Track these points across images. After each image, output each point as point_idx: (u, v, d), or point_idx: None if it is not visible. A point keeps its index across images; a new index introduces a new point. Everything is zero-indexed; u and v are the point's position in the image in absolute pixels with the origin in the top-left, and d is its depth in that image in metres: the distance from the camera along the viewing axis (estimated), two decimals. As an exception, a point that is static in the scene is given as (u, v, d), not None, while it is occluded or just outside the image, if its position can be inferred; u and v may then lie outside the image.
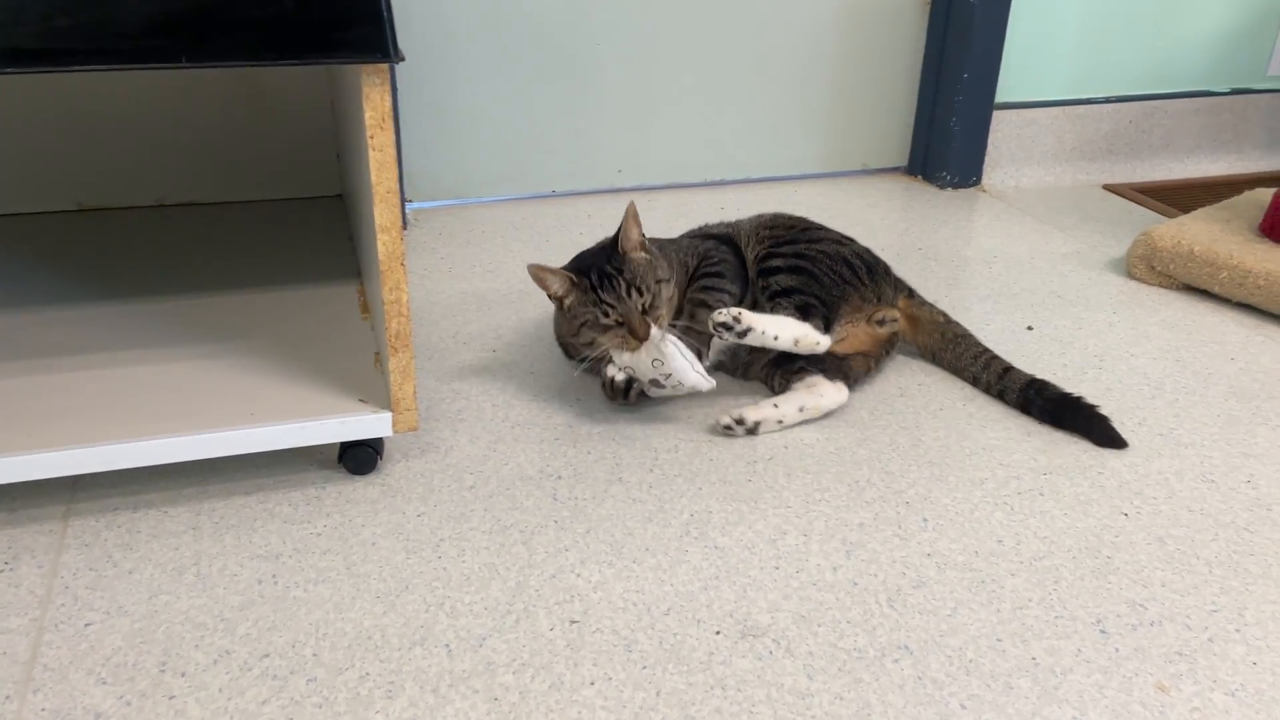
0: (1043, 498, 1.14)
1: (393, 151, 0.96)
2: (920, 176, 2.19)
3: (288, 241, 1.51)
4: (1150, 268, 1.70)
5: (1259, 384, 1.39)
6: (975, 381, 1.36)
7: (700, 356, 1.27)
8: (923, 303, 1.42)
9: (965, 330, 1.39)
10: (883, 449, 1.22)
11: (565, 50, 1.92)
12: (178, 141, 1.61)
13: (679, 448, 1.22)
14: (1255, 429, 1.28)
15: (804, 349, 1.25)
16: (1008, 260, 1.79)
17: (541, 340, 1.46)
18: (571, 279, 1.22)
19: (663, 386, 1.23)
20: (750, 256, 1.39)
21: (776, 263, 1.34)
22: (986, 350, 1.36)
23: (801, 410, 1.25)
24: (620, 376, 1.25)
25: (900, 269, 1.48)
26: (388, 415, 1.08)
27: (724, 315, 1.21)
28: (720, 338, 1.23)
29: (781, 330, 1.23)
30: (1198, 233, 1.67)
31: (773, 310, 1.28)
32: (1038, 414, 1.29)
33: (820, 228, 1.44)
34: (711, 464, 1.19)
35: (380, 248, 1.00)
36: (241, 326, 1.26)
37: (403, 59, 0.92)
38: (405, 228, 1.86)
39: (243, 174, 1.65)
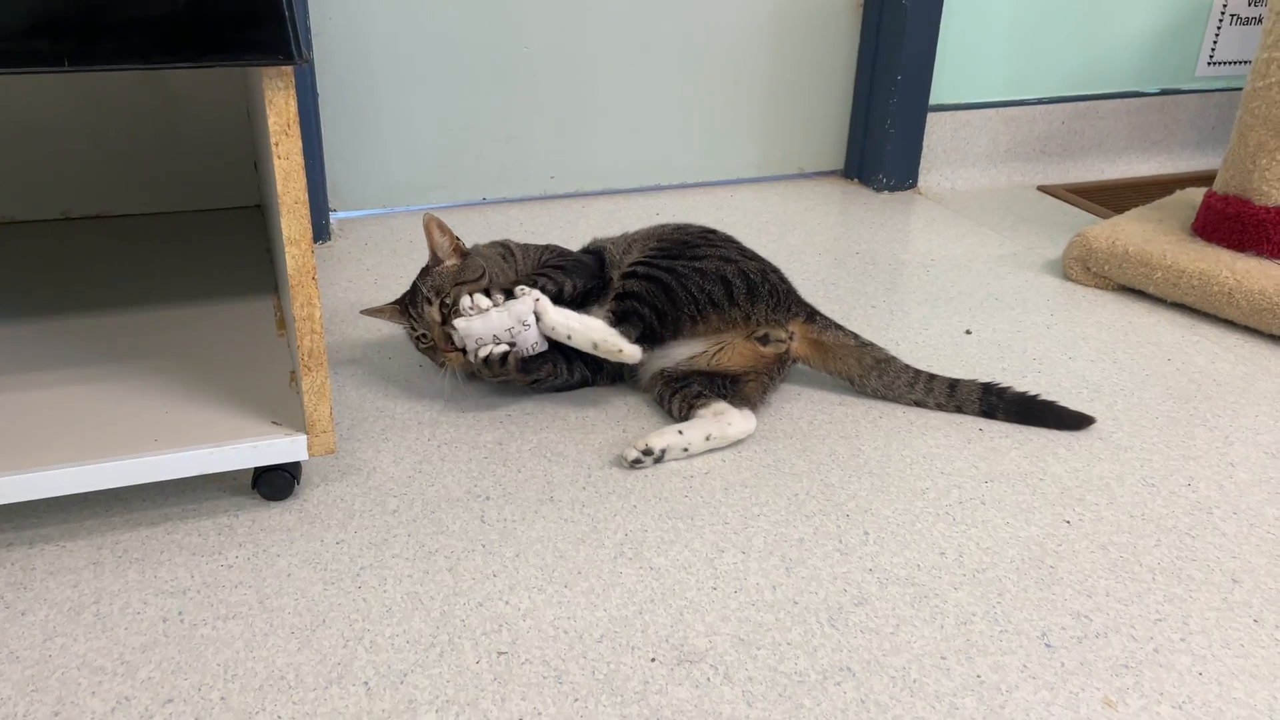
0: (984, 506, 1.12)
1: (299, 160, 0.91)
2: (857, 180, 2.18)
3: (202, 255, 1.45)
4: (1086, 269, 1.70)
5: (1195, 385, 1.39)
6: (921, 404, 1.30)
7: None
8: (828, 326, 1.30)
9: (885, 353, 1.31)
10: (822, 460, 1.19)
11: (495, 55, 1.87)
12: (85, 150, 1.53)
13: (611, 464, 1.17)
14: (1193, 430, 1.28)
15: (603, 353, 1.20)
16: (945, 263, 1.78)
17: (470, 353, 1.41)
18: (399, 309, 1.30)
19: (522, 346, 1.21)
20: (625, 262, 1.32)
21: (639, 269, 1.27)
22: (918, 372, 1.30)
23: (708, 439, 1.19)
24: (496, 351, 1.20)
25: (838, 274, 1.46)
26: (303, 438, 1.02)
27: (521, 290, 1.19)
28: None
29: (577, 330, 1.19)
30: (1132, 233, 1.67)
31: (607, 304, 1.24)
32: (1004, 416, 1.28)
33: (719, 244, 1.34)
34: (647, 480, 1.15)
35: (289, 261, 0.95)
36: (149, 345, 1.19)
37: (308, 61, 0.87)
38: (329, 238, 1.80)
39: (155, 184, 1.57)
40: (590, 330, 1.20)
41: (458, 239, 1.31)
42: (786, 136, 2.15)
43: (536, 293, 1.20)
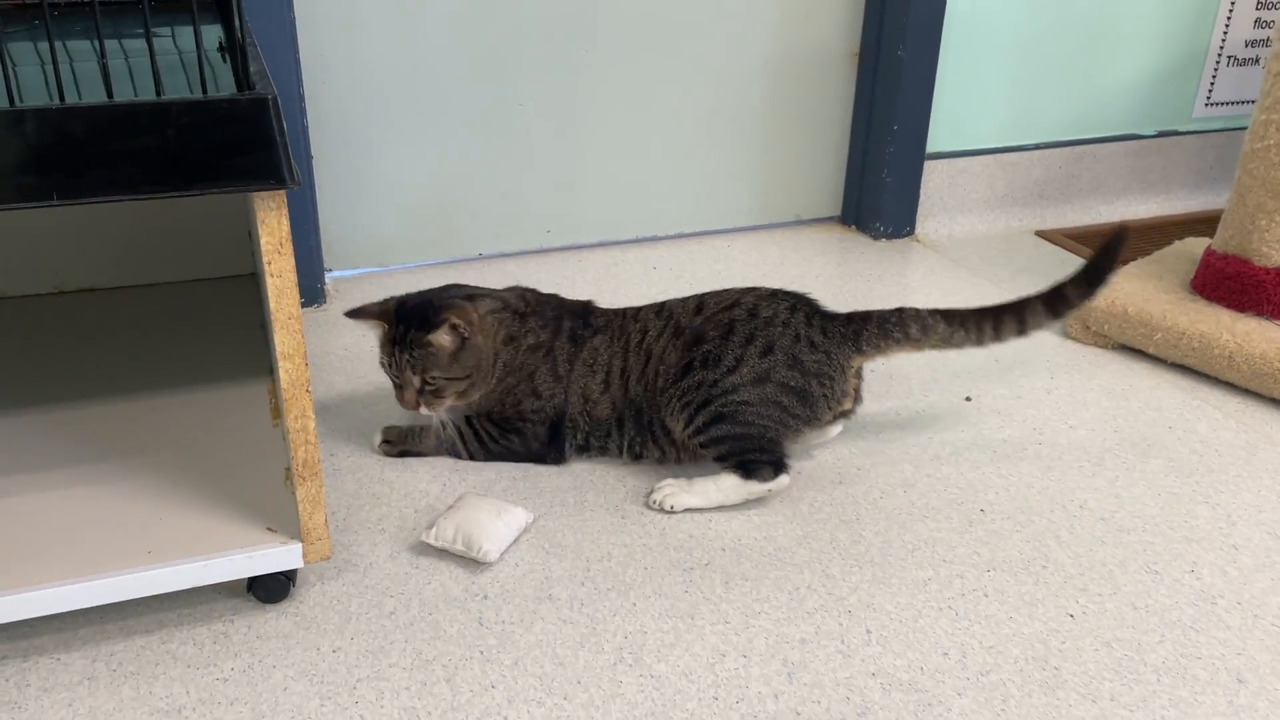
0: (987, 599, 1.11)
1: (292, 277, 0.90)
2: (854, 226, 2.17)
3: (195, 331, 1.43)
4: (1085, 327, 1.69)
5: (1197, 456, 1.38)
6: (978, 341, 1.28)
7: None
8: (878, 341, 1.27)
9: (945, 329, 1.29)
10: (823, 548, 1.18)
11: (489, 110, 1.86)
12: (77, 222, 1.52)
13: (611, 555, 1.16)
14: (1195, 509, 1.27)
15: (758, 496, 1.24)
16: (944, 320, 1.76)
17: (467, 431, 1.40)
18: (386, 335, 1.26)
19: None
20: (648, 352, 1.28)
21: (700, 439, 1.23)
22: (982, 312, 1.28)
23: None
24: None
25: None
26: (298, 546, 1.01)
27: (656, 503, 1.22)
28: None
29: (727, 498, 1.23)
30: (1131, 292, 1.67)
31: (712, 454, 1.24)
32: (1079, 300, 1.29)
33: (722, 338, 1.24)
34: (646, 573, 1.14)
35: (283, 375, 0.94)
36: (142, 439, 1.18)
37: (299, 184, 0.86)
38: (324, 301, 1.79)
39: (147, 255, 1.56)
40: (732, 496, 1.23)
41: (457, 324, 1.23)
42: (784, 184, 2.14)
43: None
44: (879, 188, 2.08)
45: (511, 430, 1.31)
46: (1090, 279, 1.29)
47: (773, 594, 1.11)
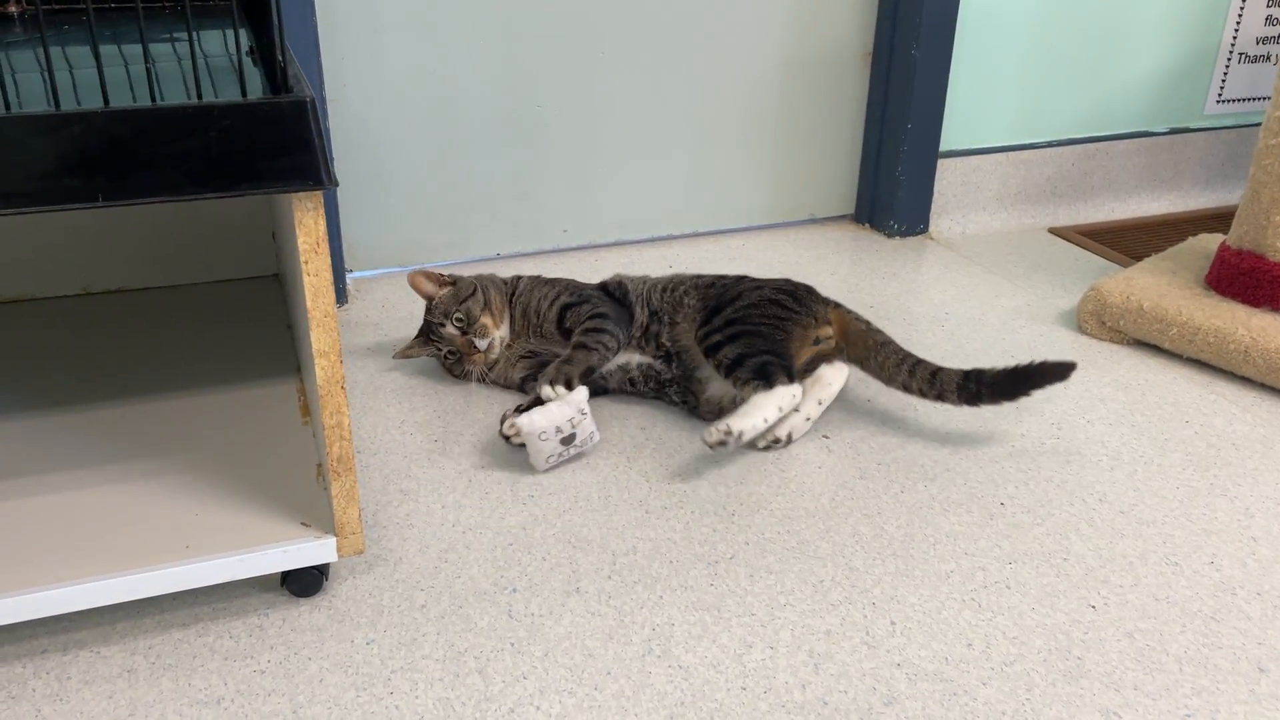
0: (1009, 591, 1.12)
1: (329, 276, 0.92)
2: (868, 224, 2.19)
3: (222, 332, 1.45)
4: (1100, 323, 1.70)
5: (1214, 450, 1.39)
6: (906, 389, 1.39)
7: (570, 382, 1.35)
8: (847, 311, 1.46)
9: (886, 337, 1.43)
10: (846, 541, 1.20)
11: (507, 114, 1.88)
12: (103, 224, 1.54)
13: (636, 549, 1.18)
14: (1214, 501, 1.28)
15: (789, 409, 1.32)
16: (959, 317, 1.78)
17: (489, 427, 1.41)
18: (423, 342, 1.52)
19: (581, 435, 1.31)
20: (659, 308, 1.47)
21: (717, 337, 1.37)
22: (909, 356, 1.40)
23: (820, 403, 1.39)
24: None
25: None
26: (332, 540, 1.03)
27: (715, 435, 1.26)
28: (721, 450, 1.31)
29: (766, 413, 1.30)
30: (1146, 287, 1.68)
31: (732, 382, 1.34)
32: (988, 400, 1.34)
33: (733, 281, 1.48)
34: (671, 567, 1.15)
35: (319, 373, 0.96)
36: (174, 438, 1.20)
37: (336, 184, 0.87)
38: (346, 301, 1.80)
39: (173, 256, 1.58)
40: (769, 407, 1.29)
41: (443, 277, 1.52)
42: (797, 183, 2.15)
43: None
44: (893, 186, 2.10)
45: (599, 314, 1.44)
46: (1010, 389, 1.35)
47: (797, 586, 1.12)
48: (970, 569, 1.15)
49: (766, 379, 1.30)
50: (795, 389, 1.32)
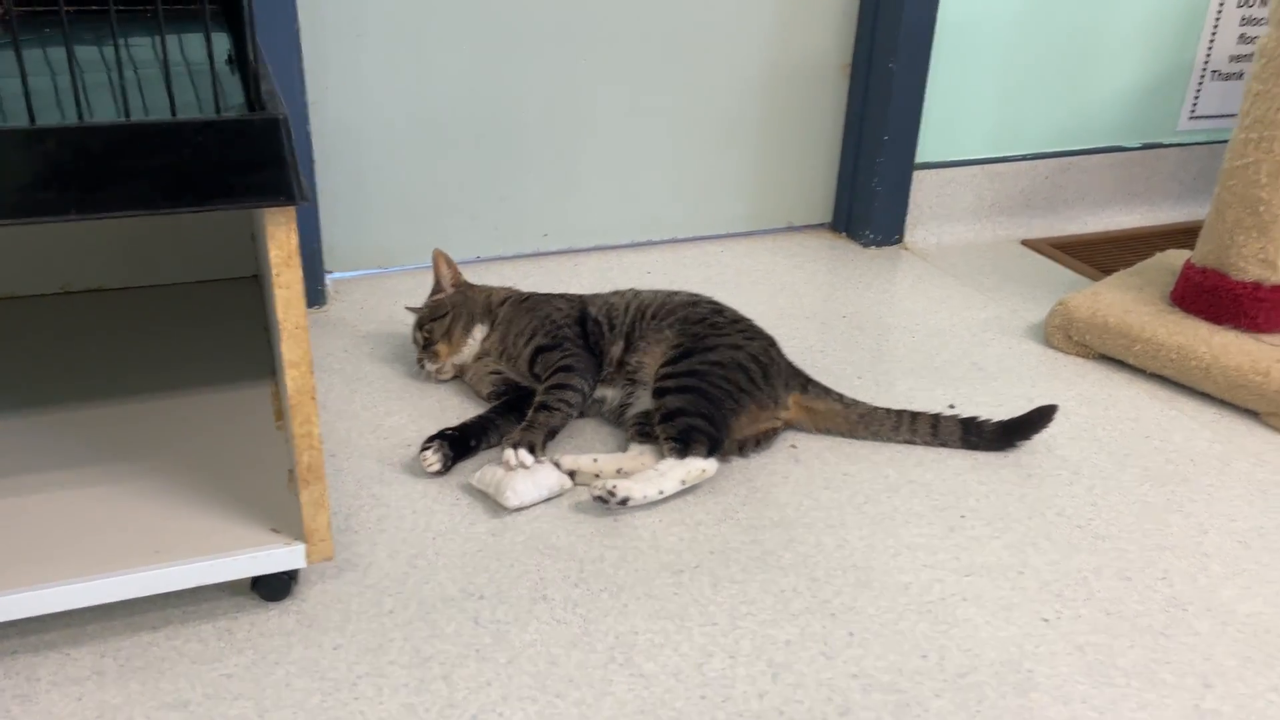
0: (965, 603, 1.14)
1: (300, 288, 0.93)
2: (844, 234, 2.21)
3: (199, 333, 1.46)
4: (1067, 337, 1.73)
5: (1172, 465, 1.42)
6: (911, 443, 1.43)
7: (538, 447, 1.32)
8: (819, 394, 1.44)
9: (867, 407, 1.44)
10: (809, 552, 1.22)
11: (487, 116, 1.89)
12: (81, 224, 1.55)
13: (604, 557, 1.20)
14: (1168, 517, 1.31)
15: (694, 482, 1.30)
16: (930, 328, 1.80)
17: (464, 433, 1.43)
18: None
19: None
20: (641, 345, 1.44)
21: (669, 383, 1.35)
22: (900, 414, 1.43)
23: (683, 483, 1.30)
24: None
25: (825, 340, 1.49)
26: (301, 547, 1.04)
27: (599, 491, 1.26)
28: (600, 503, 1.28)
29: (665, 484, 1.28)
30: (1112, 303, 1.70)
31: (659, 429, 1.33)
32: (985, 449, 1.42)
33: (722, 325, 1.44)
34: (637, 575, 1.17)
35: (290, 383, 0.97)
36: (147, 440, 1.21)
37: (307, 200, 0.88)
38: (324, 302, 1.81)
39: (152, 257, 1.59)
40: (672, 478, 1.28)
41: (459, 275, 1.58)
42: (776, 192, 2.17)
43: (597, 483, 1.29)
44: (869, 196, 2.12)
45: (564, 368, 1.41)
46: (1003, 437, 1.43)
47: (760, 596, 1.14)
48: (929, 581, 1.18)
49: (684, 446, 1.29)
50: (708, 465, 1.30)
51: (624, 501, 1.26)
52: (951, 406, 1.54)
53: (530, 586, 1.14)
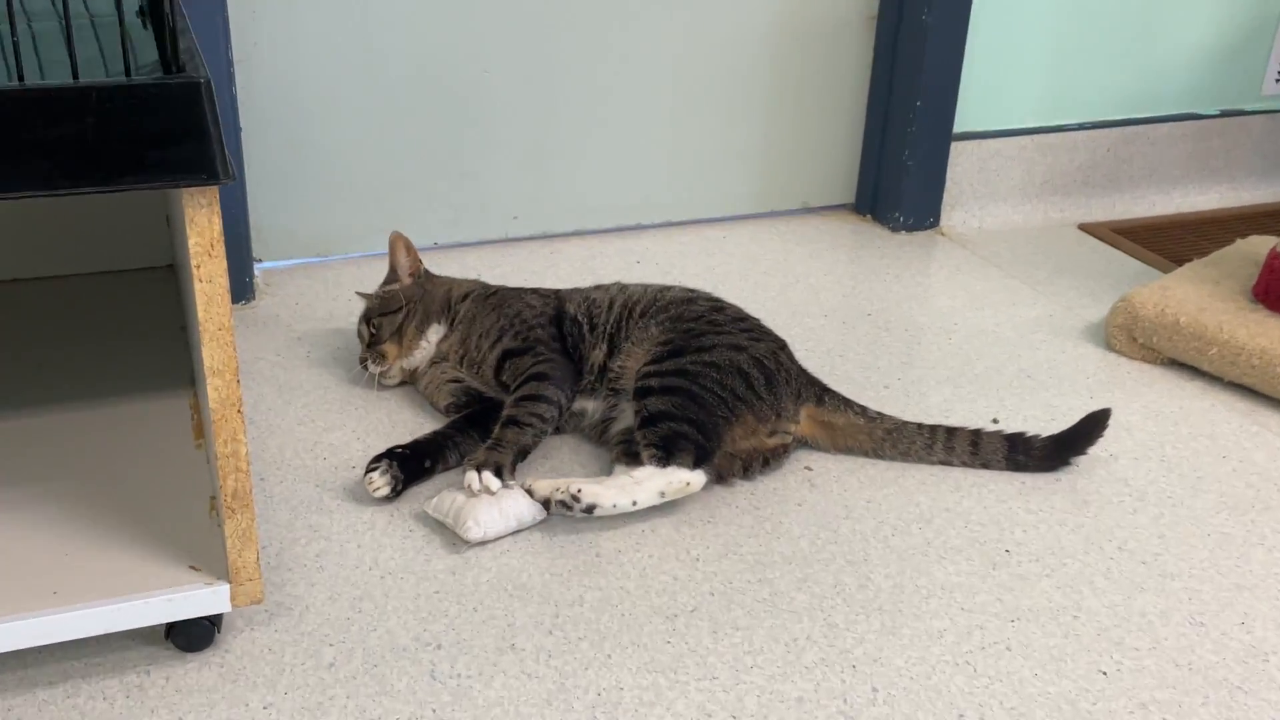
0: (1010, 654, 1.16)
1: (224, 282, 0.94)
2: (870, 216, 2.22)
3: (106, 333, 1.47)
4: (1131, 339, 1.74)
5: (1254, 490, 1.43)
6: (947, 464, 1.44)
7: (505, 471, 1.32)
8: (838, 406, 1.45)
9: (896, 421, 1.45)
10: (826, 593, 1.23)
11: (447, 80, 1.90)
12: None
13: (584, 599, 1.21)
14: (1249, 551, 1.32)
15: (675, 495, 1.31)
16: (970, 329, 1.82)
17: (419, 453, 1.44)
18: None
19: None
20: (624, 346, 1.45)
21: (652, 382, 1.36)
22: (934, 429, 1.44)
23: (662, 495, 1.31)
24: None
25: (846, 342, 1.50)
26: (225, 588, 1.05)
27: (560, 495, 1.27)
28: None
29: (640, 495, 1.29)
30: (1184, 298, 1.72)
31: (639, 435, 1.34)
32: (1035, 469, 1.43)
33: (722, 324, 1.45)
34: (623, 620, 1.18)
35: (212, 394, 0.98)
36: (49, 461, 1.22)
37: (233, 178, 0.89)
38: (252, 297, 1.82)
39: (50, 244, 1.59)
40: (650, 488, 1.30)
41: (419, 264, 1.60)
42: (789, 167, 2.19)
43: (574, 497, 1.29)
44: (899, 172, 2.13)
45: (537, 377, 1.41)
46: (1055, 454, 1.45)
47: (767, 645, 1.15)
48: (967, 627, 1.19)
49: (666, 454, 1.30)
50: (693, 477, 1.31)
51: (590, 510, 1.27)
52: (995, 421, 1.56)
53: (497, 634, 1.15)
